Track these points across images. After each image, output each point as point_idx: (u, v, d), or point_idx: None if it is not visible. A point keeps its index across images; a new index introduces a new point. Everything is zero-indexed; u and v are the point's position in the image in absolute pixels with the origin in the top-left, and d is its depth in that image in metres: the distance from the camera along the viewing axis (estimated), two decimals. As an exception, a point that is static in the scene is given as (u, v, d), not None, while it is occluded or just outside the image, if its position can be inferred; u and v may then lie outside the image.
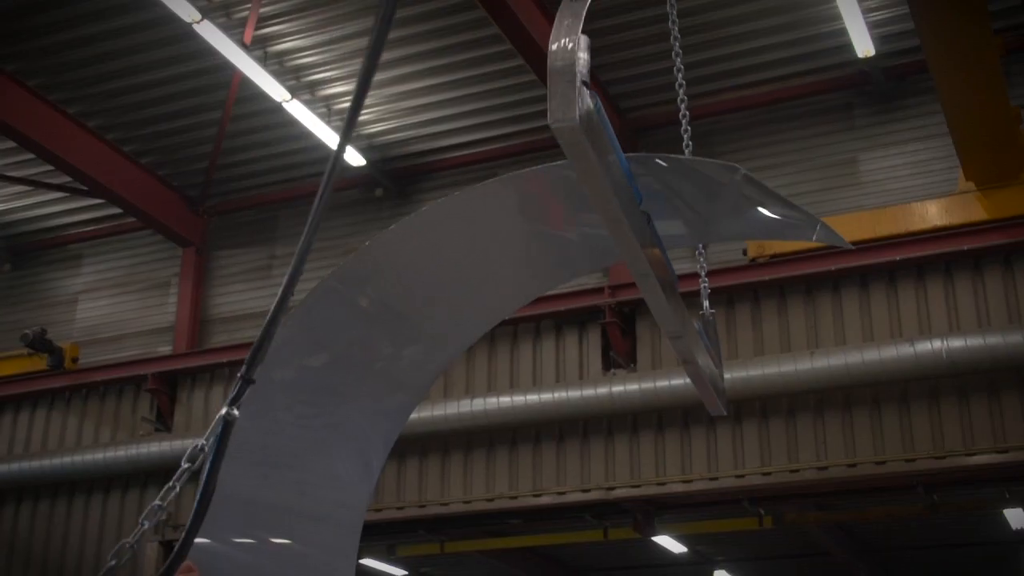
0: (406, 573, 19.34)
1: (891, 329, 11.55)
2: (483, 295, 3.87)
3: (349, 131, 2.86)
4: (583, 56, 2.42)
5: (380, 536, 14.13)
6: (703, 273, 4.44)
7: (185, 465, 2.21)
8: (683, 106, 4.32)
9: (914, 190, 13.08)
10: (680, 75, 4.30)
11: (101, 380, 15.05)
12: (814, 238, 3.46)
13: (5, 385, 15.47)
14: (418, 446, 13.07)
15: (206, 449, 2.26)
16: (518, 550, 16.47)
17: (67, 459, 14.48)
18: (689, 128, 4.39)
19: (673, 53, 4.42)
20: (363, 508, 3.70)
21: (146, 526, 2.07)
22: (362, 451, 3.65)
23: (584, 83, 2.43)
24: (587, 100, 2.44)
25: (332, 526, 3.51)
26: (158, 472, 13.93)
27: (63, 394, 15.34)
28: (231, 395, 2.37)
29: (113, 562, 1.97)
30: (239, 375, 2.40)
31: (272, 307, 2.63)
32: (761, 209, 3.39)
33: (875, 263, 11.61)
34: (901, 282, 11.68)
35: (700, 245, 4.38)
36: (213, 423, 2.30)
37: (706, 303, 4.39)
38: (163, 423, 14.56)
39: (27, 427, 15.46)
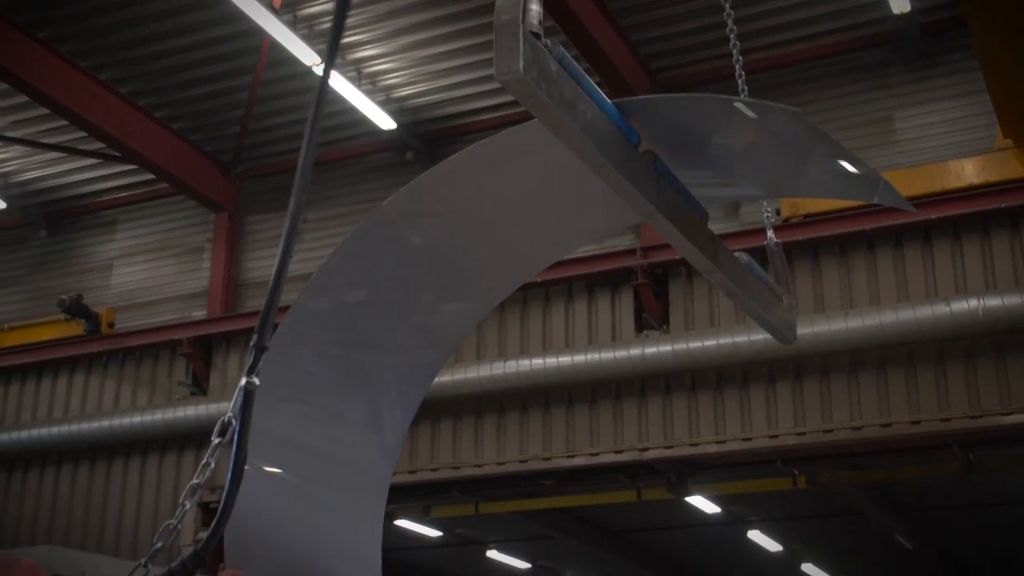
0: (441, 534, 19.49)
1: (927, 288, 11.46)
2: (531, 235, 3.82)
3: (333, 54, 2.88)
4: (534, 8, 2.43)
5: (415, 497, 14.23)
6: (765, 202, 4.39)
7: (216, 440, 2.23)
8: (738, 65, 4.26)
9: (950, 148, 12.93)
10: (733, 35, 4.25)
11: (137, 345, 15.20)
12: (875, 199, 3.41)
13: (43, 350, 15.66)
14: (452, 408, 13.13)
15: (233, 422, 2.28)
16: (552, 511, 16.54)
17: (105, 423, 14.67)
18: (745, 87, 4.33)
19: (725, 14, 4.36)
20: (373, 455, 3.61)
21: (187, 507, 2.10)
22: (374, 399, 3.60)
23: (534, 34, 2.44)
24: (537, 51, 2.45)
25: (335, 464, 3.47)
26: (194, 435, 14.08)
27: (100, 359, 15.52)
28: (248, 365, 2.38)
29: (159, 544, 1.98)
30: (252, 344, 2.42)
31: (273, 273, 2.64)
32: (822, 161, 3.32)
33: (910, 222, 11.50)
34: (937, 241, 11.57)
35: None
36: (235, 394, 2.32)
37: (770, 232, 4.34)
38: (199, 387, 14.70)
39: (65, 391, 15.66)
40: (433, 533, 19.16)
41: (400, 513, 15.24)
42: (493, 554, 22.00)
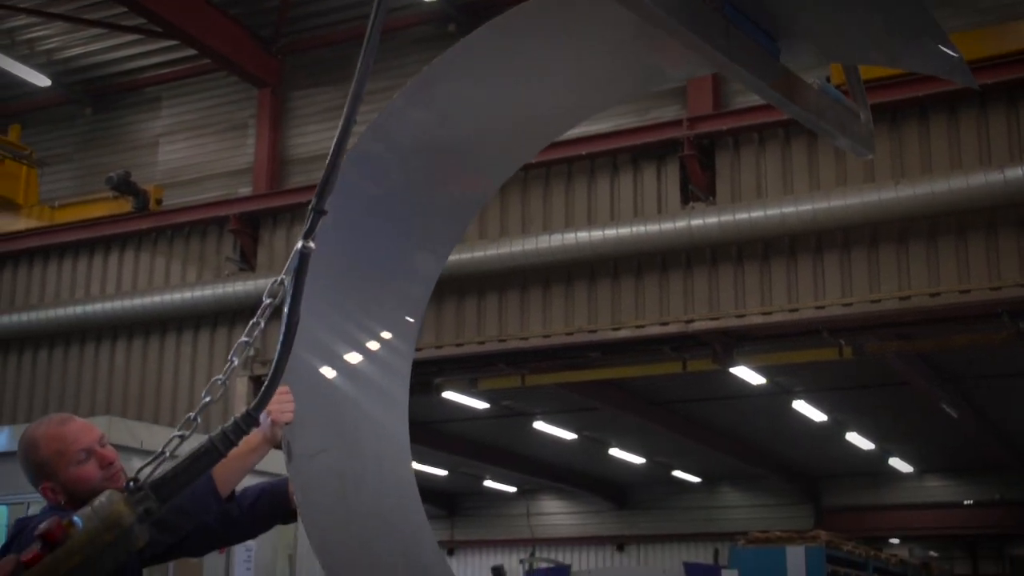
0: (488, 406, 19.79)
1: (980, 156, 11.24)
2: (563, 96, 3.77)
3: None
4: None
5: (462, 370, 14.42)
6: None
7: (267, 300, 2.24)
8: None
9: (1009, 9, 12.50)
10: None
11: (185, 221, 15.35)
12: (947, 75, 3.31)
13: (93, 227, 15.85)
14: (497, 282, 13.18)
15: (286, 283, 2.28)
16: (597, 383, 16.72)
17: (157, 298, 14.92)
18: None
19: None
20: (404, 330, 3.56)
21: (235, 362, 2.12)
22: (410, 260, 3.56)
23: None
24: None
25: (367, 338, 3.44)
26: (244, 311, 14.28)
27: (149, 235, 15.71)
28: (305, 228, 2.38)
29: (207, 398, 2.03)
30: (310, 207, 2.41)
31: (336, 136, 2.61)
32: (904, 32, 3.22)
33: (965, 88, 11.22)
34: (992, 106, 11.30)
35: None
36: (290, 257, 2.32)
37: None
38: (247, 263, 14.86)
39: (117, 268, 15.91)
40: (480, 405, 19.47)
41: (447, 385, 15.47)
42: (539, 425, 22.36)
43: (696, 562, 24.05)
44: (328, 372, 3.18)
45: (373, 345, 3.35)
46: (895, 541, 28.45)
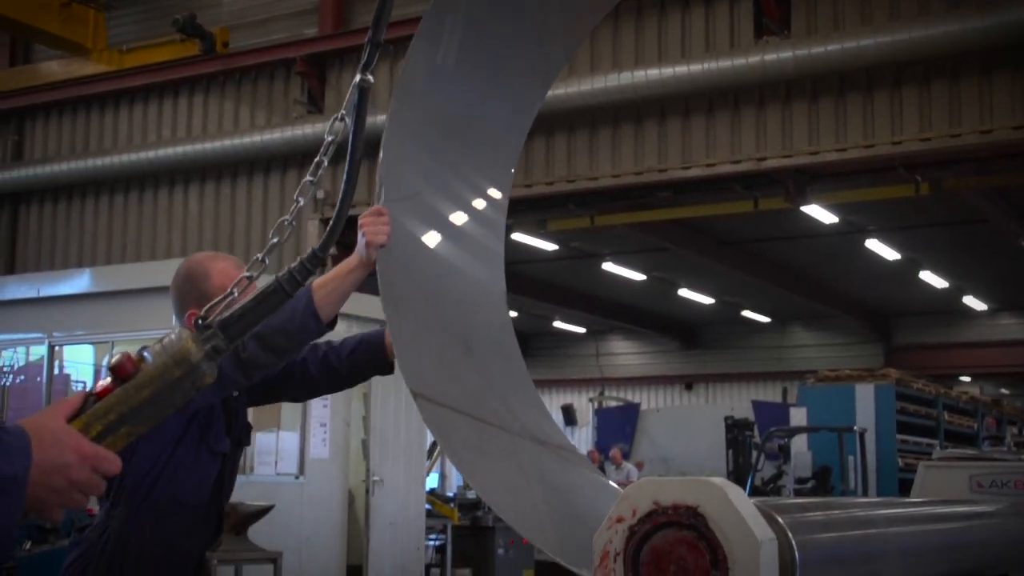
0: (557, 247, 19.85)
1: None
2: None
3: None
4: None
5: (531, 211, 14.40)
6: None
7: (329, 138, 2.21)
8: None
9: None
10: None
11: (252, 64, 15.30)
12: None
13: (162, 71, 15.86)
14: (566, 121, 13.03)
15: (347, 121, 2.24)
16: (666, 223, 16.64)
17: (227, 142, 15.01)
18: None
19: None
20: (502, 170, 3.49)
21: (301, 202, 2.11)
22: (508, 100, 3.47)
23: None
24: None
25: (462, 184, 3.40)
26: (313, 153, 14.05)
27: (217, 79, 15.71)
28: (362, 61, 2.32)
29: (275, 239, 2.02)
30: (367, 40, 2.34)
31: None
32: None
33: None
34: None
35: None
36: (348, 93, 2.27)
37: None
38: (315, 105, 14.82)
39: (187, 112, 15.99)
40: (549, 246, 19.53)
41: (516, 227, 15.49)
42: (608, 266, 22.42)
43: (765, 400, 24.34)
44: (427, 228, 3.15)
45: (474, 199, 3.32)
46: (966, 379, 28.44)
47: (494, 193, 3.37)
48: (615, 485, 3.02)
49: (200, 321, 1.82)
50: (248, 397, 3.53)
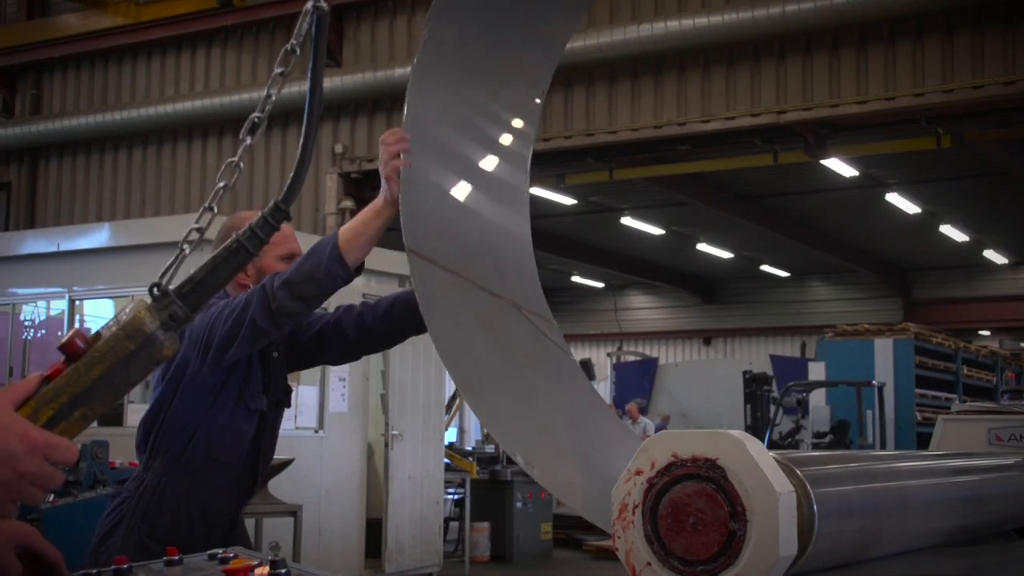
0: (575, 201, 19.78)
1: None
2: None
3: None
4: None
5: (549, 165, 14.33)
6: None
7: (278, 70, 1.93)
8: None
9: None
10: None
11: (269, 17, 15.20)
12: None
13: (179, 24, 15.79)
14: (584, 74, 12.94)
15: (296, 51, 2.00)
16: (686, 176, 16.55)
17: (244, 96, 14.94)
18: None
19: None
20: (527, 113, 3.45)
21: (248, 141, 1.91)
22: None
23: None
24: None
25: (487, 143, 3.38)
26: (331, 106, 14.26)
27: (235, 32, 15.64)
28: None
29: (222, 183, 1.82)
30: None
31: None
32: None
33: None
34: None
35: None
36: (298, 21, 1.99)
37: None
38: (332, 58, 14.73)
39: (204, 65, 15.93)
40: (567, 201, 19.47)
41: (534, 181, 15.36)
42: (627, 221, 22.34)
43: (783, 355, 24.33)
44: (451, 172, 3.13)
45: (502, 136, 3.29)
46: (985, 333, 28.33)
47: (518, 124, 3.34)
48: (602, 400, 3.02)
49: (154, 288, 1.66)
50: (287, 360, 3.54)
